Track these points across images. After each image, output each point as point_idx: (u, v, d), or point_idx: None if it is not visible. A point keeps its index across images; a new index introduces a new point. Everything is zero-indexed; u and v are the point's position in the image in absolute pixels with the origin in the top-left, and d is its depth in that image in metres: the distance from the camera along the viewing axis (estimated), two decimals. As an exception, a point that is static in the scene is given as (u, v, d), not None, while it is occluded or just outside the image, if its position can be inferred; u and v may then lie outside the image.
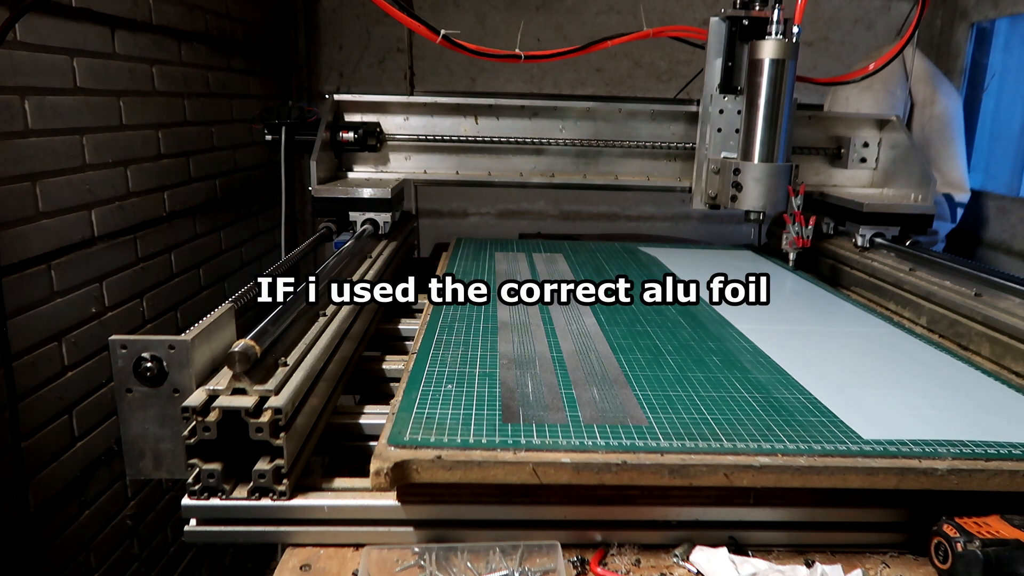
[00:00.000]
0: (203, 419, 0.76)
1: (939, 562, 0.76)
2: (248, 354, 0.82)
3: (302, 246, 1.58)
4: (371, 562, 0.75)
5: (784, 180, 1.73)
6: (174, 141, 2.12)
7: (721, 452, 0.81)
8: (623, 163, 2.14)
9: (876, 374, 1.08)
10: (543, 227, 3.37)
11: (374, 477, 0.76)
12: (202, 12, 2.30)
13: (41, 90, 1.54)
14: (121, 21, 1.84)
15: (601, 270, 1.73)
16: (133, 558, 1.91)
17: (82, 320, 1.68)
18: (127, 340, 0.81)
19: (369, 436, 1.03)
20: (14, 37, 1.46)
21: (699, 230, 3.43)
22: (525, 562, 0.75)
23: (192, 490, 0.78)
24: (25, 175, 1.49)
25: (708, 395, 0.97)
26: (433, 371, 1.04)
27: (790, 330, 1.28)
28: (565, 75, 3.27)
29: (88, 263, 1.70)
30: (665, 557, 0.81)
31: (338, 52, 3.28)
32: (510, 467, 0.78)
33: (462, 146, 2.09)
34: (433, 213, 3.34)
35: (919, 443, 0.83)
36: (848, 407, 0.94)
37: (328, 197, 1.78)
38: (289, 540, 0.82)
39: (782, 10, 1.65)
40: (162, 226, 2.06)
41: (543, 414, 0.89)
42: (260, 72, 2.86)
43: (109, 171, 1.79)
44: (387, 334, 1.46)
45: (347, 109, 2.06)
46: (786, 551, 0.82)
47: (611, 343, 1.19)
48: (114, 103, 1.82)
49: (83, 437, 1.68)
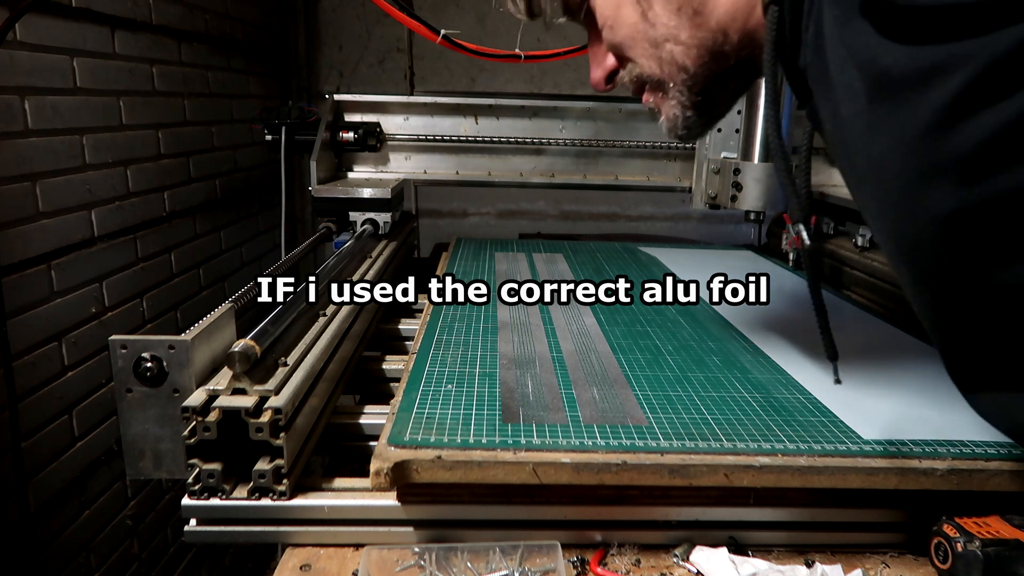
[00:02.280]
0: (203, 419, 0.76)
1: (939, 562, 0.76)
2: (248, 354, 0.82)
3: (302, 246, 1.58)
4: (371, 562, 0.75)
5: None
6: (174, 141, 2.12)
7: (721, 452, 0.81)
8: (623, 163, 2.14)
9: (876, 374, 1.08)
10: (543, 227, 3.37)
11: (374, 477, 0.76)
12: (202, 12, 2.30)
13: (41, 90, 1.54)
14: (121, 21, 1.84)
15: (601, 270, 1.73)
16: (133, 558, 1.91)
17: (82, 320, 1.68)
18: (127, 340, 0.81)
19: (369, 436, 1.03)
20: (14, 37, 1.46)
21: (699, 230, 3.43)
22: (525, 562, 0.75)
23: (192, 490, 0.78)
24: (25, 175, 1.49)
25: (708, 395, 0.97)
26: (433, 371, 1.04)
27: (790, 330, 1.28)
28: (565, 75, 3.27)
29: (88, 263, 1.70)
30: (665, 557, 0.81)
31: (338, 52, 3.28)
32: (510, 467, 0.78)
33: (462, 146, 2.08)
34: (433, 213, 3.34)
35: (919, 443, 0.83)
36: (848, 407, 0.94)
37: (328, 197, 1.78)
38: (289, 540, 0.82)
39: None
40: (162, 226, 2.06)
41: (543, 414, 0.89)
42: (260, 72, 2.86)
43: (109, 171, 1.79)
44: (387, 334, 1.46)
45: (347, 109, 2.05)
46: (786, 551, 0.82)
47: (611, 343, 1.19)
48: (114, 103, 1.82)
49: (83, 437, 1.68)
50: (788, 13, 0.62)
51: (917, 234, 0.51)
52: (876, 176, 0.53)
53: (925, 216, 0.49)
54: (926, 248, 0.51)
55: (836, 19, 0.53)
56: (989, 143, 0.44)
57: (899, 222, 0.52)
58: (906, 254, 0.54)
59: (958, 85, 0.44)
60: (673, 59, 0.73)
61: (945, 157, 0.46)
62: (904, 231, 0.52)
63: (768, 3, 0.63)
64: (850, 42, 0.52)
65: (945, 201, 0.47)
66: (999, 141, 0.44)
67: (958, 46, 0.44)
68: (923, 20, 0.46)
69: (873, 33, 0.49)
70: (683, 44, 0.71)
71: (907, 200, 0.50)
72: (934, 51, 0.45)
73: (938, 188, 0.47)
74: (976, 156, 0.45)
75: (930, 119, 0.46)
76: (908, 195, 0.50)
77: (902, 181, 0.50)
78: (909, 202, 0.50)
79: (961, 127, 0.45)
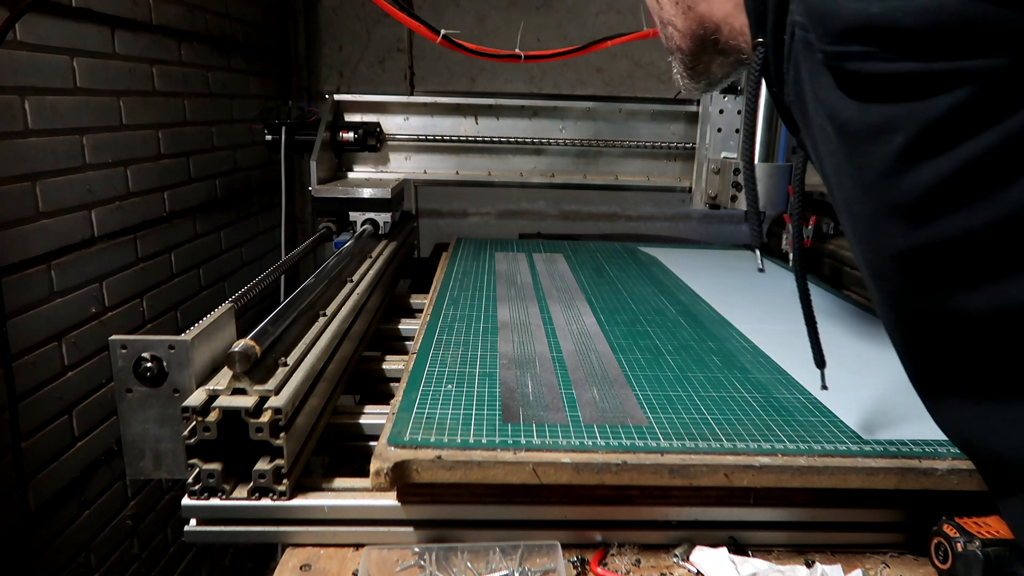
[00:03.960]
0: (203, 419, 0.76)
1: (939, 562, 0.76)
2: (248, 354, 0.82)
3: (302, 246, 1.58)
4: (371, 562, 0.75)
5: (784, 180, 1.73)
6: (174, 141, 2.12)
7: (721, 452, 0.81)
8: (623, 163, 2.14)
9: (876, 374, 1.08)
10: (543, 227, 3.36)
11: (374, 477, 0.76)
12: (202, 12, 2.30)
13: (41, 90, 1.54)
14: (121, 21, 1.83)
15: (601, 270, 1.73)
16: (133, 558, 1.91)
17: (82, 320, 1.68)
18: (127, 340, 0.81)
19: (369, 436, 1.03)
20: (14, 37, 1.46)
21: (699, 230, 3.43)
22: (525, 562, 0.75)
23: (192, 490, 0.78)
24: (25, 175, 1.48)
25: (708, 395, 0.98)
26: (433, 371, 1.04)
27: (790, 330, 1.29)
28: (565, 75, 3.27)
29: (88, 263, 1.70)
30: (665, 557, 0.81)
31: (338, 52, 3.28)
32: (510, 467, 0.78)
33: (462, 146, 2.09)
34: (433, 213, 3.34)
35: (919, 443, 0.83)
36: (848, 407, 0.94)
37: (328, 197, 1.78)
38: (289, 540, 0.82)
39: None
40: (162, 226, 2.06)
41: (543, 414, 0.89)
42: (260, 72, 2.86)
43: (109, 171, 1.79)
44: (387, 334, 1.46)
45: (347, 109, 2.06)
46: (786, 551, 0.82)
47: (611, 343, 1.19)
48: (114, 103, 1.82)
49: (83, 437, 1.68)
50: (771, 55, 0.66)
51: (880, 265, 0.58)
52: (847, 211, 0.60)
53: (884, 252, 0.56)
54: (887, 278, 0.59)
55: (808, 70, 0.58)
56: (930, 192, 0.50)
57: (865, 254, 0.60)
58: (875, 280, 0.61)
59: (900, 143, 0.50)
60: (672, 39, 0.82)
61: (896, 202, 0.52)
62: (870, 261, 0.60)
63: (756, 43, 0.68)
64: (819, 92, 0.57)
65: (898, 240, 0.54)
66: (939, 191, 0.50)
67: (899, 107, 0.50)
68: (868, 83, 0.51)
69: (834, 87, 0.54)
70: (679, 31, 0.80)
71: (870, 235, 0.57)
72: (881, 110, 0.51)
73: (892, 228, 0.54)
74: (920, 203, 0.51)
75: (881, 168, 0.52)
76: (870, 231, 0.57)
77: (865, 219, 0.56)
78: (872, 237, 0.57)
79: (906, 178, 0.51)
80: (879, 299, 0.64)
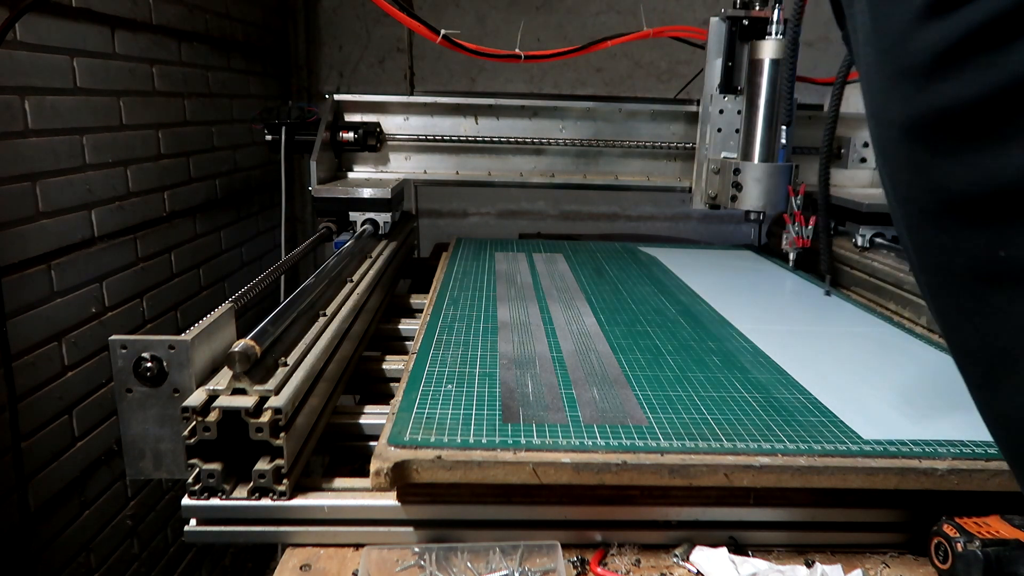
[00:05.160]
0: (203, 419, 0.76)
1: (939, 562, 0.76)
2: (248, 354, 0.82)
3: (302, 246, 1.58)
4: (371, 562, 0.75)
5: (784, 180, 1.73)
6: (174, 141, 2.12)
7: (721, 452, 0.81)
8: (623, 163, 2.14)
9: (876, 374, 1.08)
10: (543, 227, 3.37)
11: (374, 477, 0.76)
12: (202, 12, 2.30)
13: (41, 90, 1.54)
14: (121, 21, 1.84)
15: (601, 270, 1.73)
16: (133, 558, 1.91)
17: (82, 320, 1.68)
18: (127, 340, 0.81)
19: (369, 436, 1.02)
20: (14, 37, 1.46)
21: (699, 230, 3.43)
22: (525, 562, 0.75)
23: (192, 490, 0.78)
24: (25, 175, 1.49)
25: (708, 395, 0.97)
26: (433, 371, 1.04)
27: (790, 330, 1.28)
28: (565, 75, 3.27)
29: (88, 263, 1.70)
30: (665, 557, 0.81)
31: (338, 52, 3.28)
32: (510, 467, 0.78)
33: (462, 146, 2.08)
34: (433, 213, 3.34)
35: (919, 443, 0.83)
36: (848, 407, 0.94)
37: (328, 197, 1.78)
38: (289, 540, 0.82)
39: (782, 10, 1.65)
40: (162, 226, 2.06)
41: (543, 414, 0.89)
42: (260, 72, 2.86)
43: (109, 171, 1.79)
44: (387, 334, 1.46)
45: (347, 109, 2.05)
46: (786, 551, 0.82)
47: (611, 343, 1.19)
48: (114, 103, 1.82)
49: (83, 437, 1.68)
50: None
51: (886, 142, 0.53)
52: (867, 86, 0.55)
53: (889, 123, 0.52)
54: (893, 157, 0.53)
55: None
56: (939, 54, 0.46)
57: (875, 133, 0.55)
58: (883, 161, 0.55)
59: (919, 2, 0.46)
60: None
61: (906, 65, 0.49)
62: (878, 138, 0.54)
63: None
64: None
65: (903, 106, 0.50)
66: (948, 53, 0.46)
67: None
68: None
69: None
70: None
71: (881, 109, 0.53)
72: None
73: (900, 93, 0.50)
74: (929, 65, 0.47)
75: (898, 30, 0.49)
76: (882, 104, 0.53)
77: (878, 93, 0.53)
78: (881, 110, 0.53)
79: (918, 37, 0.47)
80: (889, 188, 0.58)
